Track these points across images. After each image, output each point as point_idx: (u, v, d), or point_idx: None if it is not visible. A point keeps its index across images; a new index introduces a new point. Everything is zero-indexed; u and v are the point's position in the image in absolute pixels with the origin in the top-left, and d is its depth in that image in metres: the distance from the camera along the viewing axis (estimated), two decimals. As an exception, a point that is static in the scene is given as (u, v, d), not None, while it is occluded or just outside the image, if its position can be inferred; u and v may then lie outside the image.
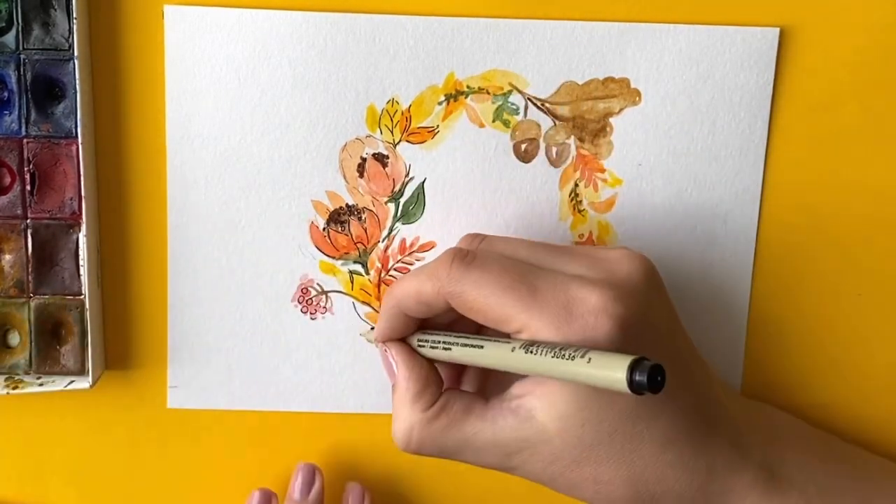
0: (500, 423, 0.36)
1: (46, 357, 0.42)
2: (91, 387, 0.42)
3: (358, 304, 0.44)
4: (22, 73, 0.40)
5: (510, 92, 0.42)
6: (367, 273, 0.44)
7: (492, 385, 0.41)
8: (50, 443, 0.45)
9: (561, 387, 0.34)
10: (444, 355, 0.38)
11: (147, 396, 0.45)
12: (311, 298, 0.44)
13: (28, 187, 0.41)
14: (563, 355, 0.32)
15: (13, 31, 0.40)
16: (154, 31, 0.41)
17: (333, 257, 0.44)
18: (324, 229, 0.43)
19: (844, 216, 0.44)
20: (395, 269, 0.44)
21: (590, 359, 0.31)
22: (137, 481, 0.45)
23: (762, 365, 0.45)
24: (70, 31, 0.40)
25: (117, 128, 0.42)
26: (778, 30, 0.42)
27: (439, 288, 0.36)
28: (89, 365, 0.42)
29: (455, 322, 0.39)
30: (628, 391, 0.30)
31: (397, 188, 0.43)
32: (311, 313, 0.44)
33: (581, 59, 0.42)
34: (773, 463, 0.39)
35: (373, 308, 0.44)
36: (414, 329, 0.39)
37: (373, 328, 0.43)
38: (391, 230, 0.43)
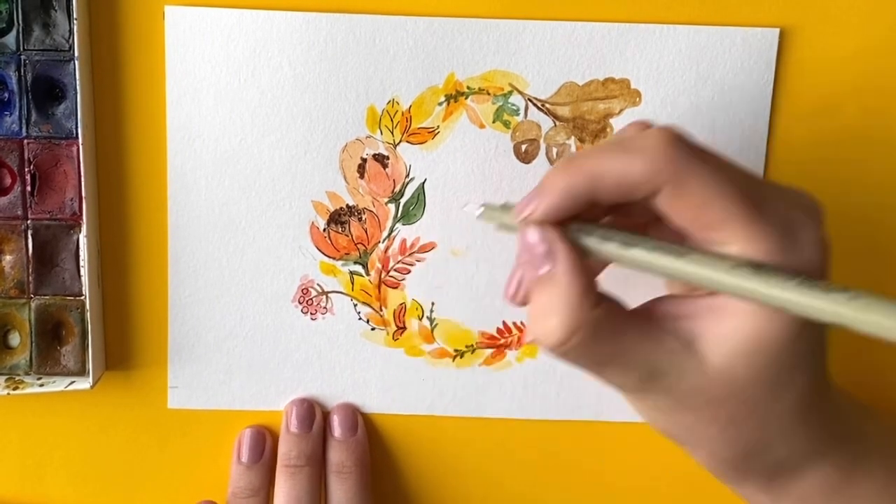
0: (659, 340, 0.32)
1: (47, 357, 0.42)
2: (91, 387, 0.42)
3: (358, 305, 0.44)
4: (22, 73, 0.40)
5: (510, 92, 0.42)
6: (368, 274, 0.44)
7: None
8: (50, 443, 0.45)
9: (742, 324, 0.32)
10: (615, 254, 0.32)
11: (147, 396, 0.45)
12: (311, 299, 0.44)
13: (28, 188, 0.41)
14: (817, 287, 0.29)
15: (13, 32, 0.40)
16: (154, 31, 0.41)
17: (334, 258, 0.44)
18: (324, 230, 0.43)
19: (844, 216, 0.44)
20: (395, 270, 0.44)
21: (860, 300, 0.29)
22: (137, 481, 0.45)
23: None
24: (70, 31, 0.40)
25: (117, 128, 0.42)
26: (778, 30, 0.42)
27: (656, 170, 0.31)
28: (90, 365, 0.42)
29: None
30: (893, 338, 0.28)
31: (397, 189, 0.43)
32: (311, 314, 0.44)
33: (581, 60, 0.42)
34: (861, 431, 0.38)
35: (373, 308, 0.44)
36: (570, 217, 0.33)
37: (499, 205, 0.35)
38: (391, 231, 0.43)
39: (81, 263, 0.42)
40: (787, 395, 0.34)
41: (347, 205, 0.43)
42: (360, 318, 0.44)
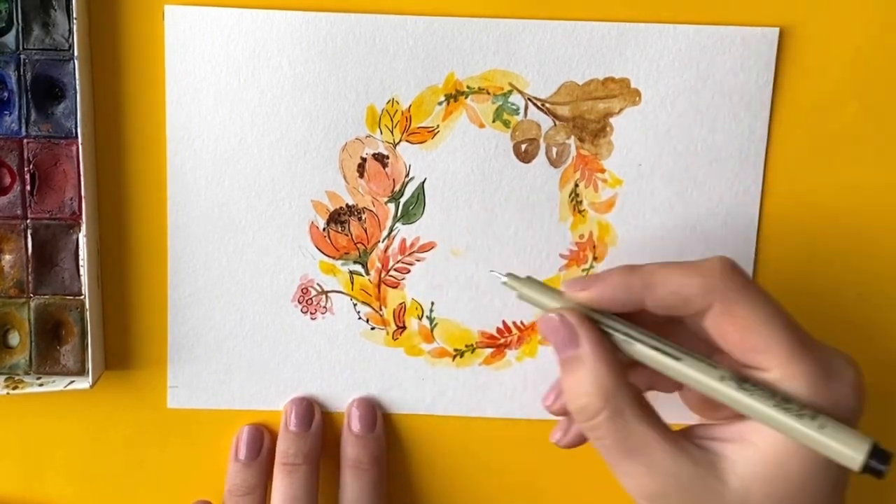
0: (683, 447, 0.33)
1: (46, 357, 0.42)
2: (91, 387, 0.42)
3: (358, 304, 0.44)
4: (22, 73, 0.40)
5: (510, 92, 0.42)
6: (367, 273, 0.44)
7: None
8: (50, 443, 0.45)
9: (766, 450, 0.33)
10: (621, 346, 0.34)
11: (147, 396, 0.45)
12: (311, 298, 0.44)
13: (28, 187, 0.41)
14: (788, 409, 0.31)
15: (13, 32, 0.40)
16: (154, 31, 0.41)
17: (333, 257, 0.44)
18: (324, 229, 0.43)
19: (844, 216, 0.44)
20: (395, 270, 0.44)
21: (822, 426, 0.31)
22: (137, 481, 0.45)
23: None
24: (70, 31, 0.40)
25: (117, 128, 0.42)
26: (778, 30, 0.42)
27: (712, 288, 0.33)
28: (89, 365, 0.42)
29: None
30: (855, 469, 0.30)
31: (397, 188, 0.43)
32: (311, 313, 0.44)
33: (581, 60, 0.42)
34: None
35: (372, 308, 0.44)
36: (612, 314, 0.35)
37: (538, 284, 0.36)
38: (391, 230, 0.43)
39: (81, 263, 0.42)
40: None
41: (347, 204, 0.43)
42: (359, 318, 0.44)
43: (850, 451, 0.31)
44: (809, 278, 0.44)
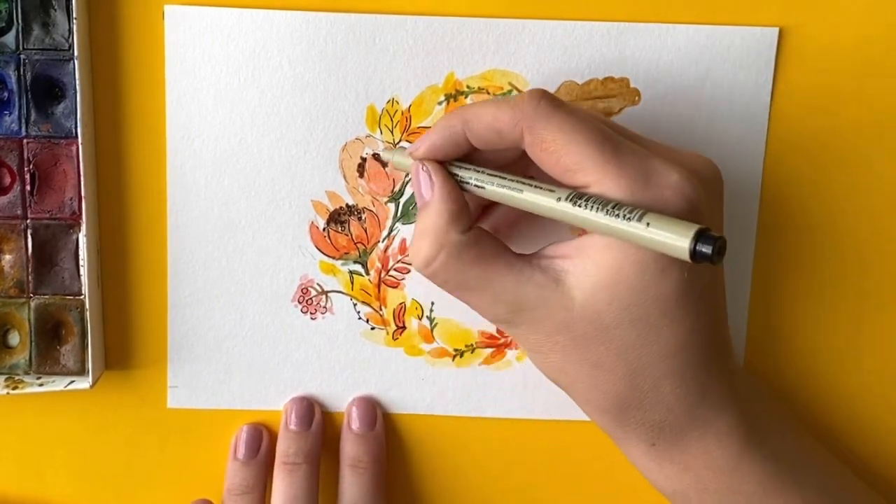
0: (526, 274, 0.35)
1: (46, 357, 0.42)
2: (91, 387, 0.42)
3: (358, 304, 0.44)
4: (22, 73, 0.40)
5: (510, 92, 0.42)
6: (367, 273, 0.44)
7: (514, 235, 0.41)
8: (50, 443, 0.45)
9: (604, 256, 0.34)
10: (476, 192, 0.37)
11: (147, 396, 0.45)
12: (311, 298, 0.44)
13: (28, 187, 0.41)
14: (618, 214, 0.32)
15: (13, 31, 0.40)
16: (154, 31, 0.41)
17: (333, 257, 0.44)
18: (324, 229, 0.43)
19: (844, 216, 0.44)
20: (394, 270, 0.44)
21: (648, 223, 0.32)
22: (137, 481, 0.45)
23: (762, 364, 0.45)
24: (70, 31, 0.40)
25: (117, 128, 0.42)
26: (777, 29, 0.42)
27: (520, 119, 0.35)
28: (89, 365, 0.42)
29: (504, 168, 0.38)
30: (686, 258, 0.31)
31: (397, 188, 0.43)
32: (311, 313, 0.44)
33: (580, 59, 0.42)
34: (759, 417, 0.39)
35: (372, 308, 0.44)
36: (455, 157, 0.38)
37: (397, 147, 0.41)
38: (391, 230, 0.43)
39: (81, 263, 0.42)
40: (655, 345, 0.35)
41: (347, 204, 0.43)
42: (359, 318, 0.44)
43: (676, 241, 0.31)
44: (809, 278, 0.45)
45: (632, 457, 0.39)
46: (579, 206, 0.33)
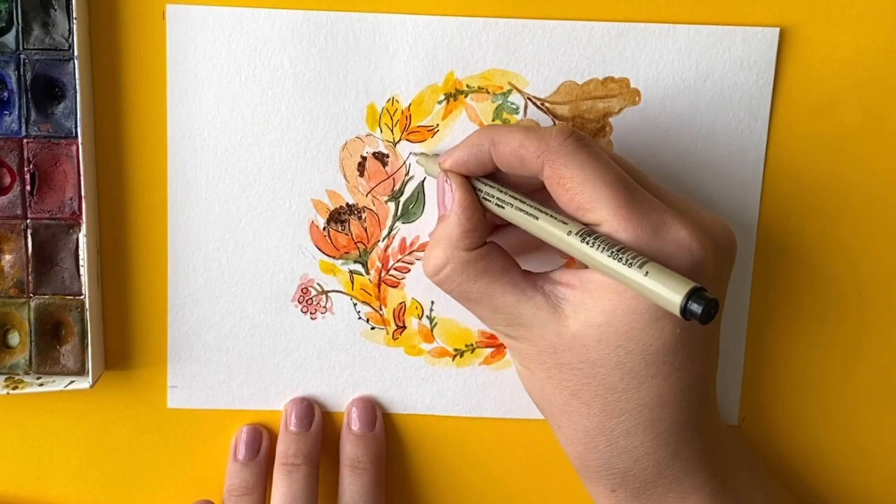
0: (528, 294, 0.37)
1: (46, 357, 0.42)
2: (91, 387, 0.42)
3: (358, 304, 0.44)
4: (22, 73, 0.40)
5: (510, 91, 0.42)
6: (368, 273, 0.44)
7: (528, 255, 0.41)
8: (50, 443, 0.45)
9: (603, 295, 0.35)
10: (496, 210, 0.38)
11: (147, 396, 0.44)
12: (311, 298, 0.44)
13: (28, 187, 0.41)
14: (621, 258, 0.33)
15: (13, 31, 0.40)
16: (154, 30, 0.41)
17: (333, 257, 0.44)
18: (324, 229, 0.43)
19: (844, 216, 0.44)
20: (395, 269, 0.44)
21: (647, 272, 0.32)
22: (137, 481, 0.45)
23: (762, 364, 0.45)
24: (70, 31, 0.40)
25: (117, 128, 0.42)
26: (778, 30, 0.42)
27: (543, 151, 0.36)
28: (89, 365, 0.42)
29: (529, 193, 0.38)
30: (676, 313, 0.31)
31: (397, 187, 0.43)
32: (311, 313, 0.44)
33: (580, 59, 0.42)
34: (729, 481, 0.39)
35: (373, 308, 0.44)
36: (480, 174, 0.39)
37: (431, 155, 0.42)
38: (391, 229, 0.43)
39: (81, 263, 0.42)
40: (635, 392, 0.35)
41: (347, 203, 0.43)
42: (359, 318, 0.44)
43: (669, 294, 0.31)
44: (809, 278, 0.44)
45: (595, 498, 0.40)
46: (587, 242, 0.34)
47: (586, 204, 0.35)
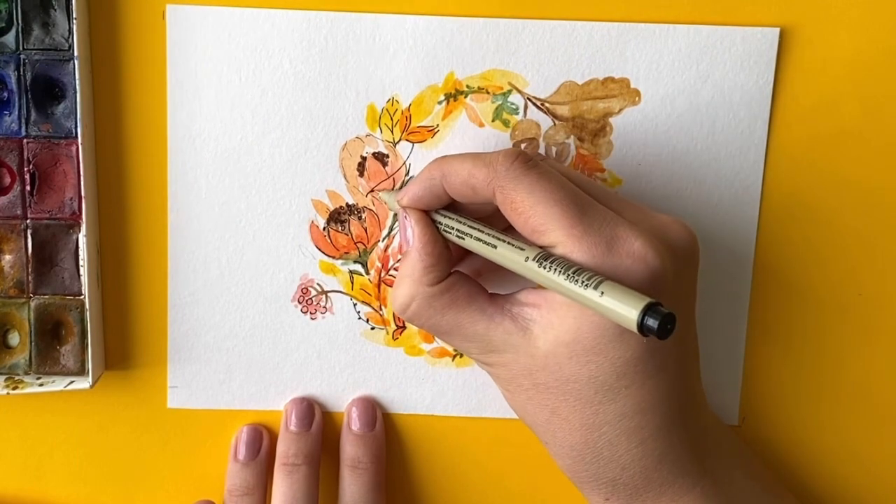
0: (496, 320, 0.37)
1: (46, 357, 0.42)
2: (91, 387, 0.42)
3: (358, 304, 0.44)
4: (22, 73, 0.40)
5: (510, 91, 0.42)
6: (368, 273, 0.44)
7: (495, 277, 0.41)
8: (50, 442, 0.45)
9: (567, 313, 0.35)
10: (457, 241, 0.38)
11: (147, 396, 0.44)
12: (311, 298, 0.44)
13: (28, 187, 0.41)
14: (577, 279, 0.33)
15: (13, 31, 0.40)
16: (154, 30, 0.41)
17: (333, 257, 0.44)
18: (324, 229, 0.43)
19: (844, 216, 0.44)
20: (394, 269, 0.44)
21: (603, 291, 0.32)
22: (137, 481, 0.45)
23: (762, 364, 0.45)
24: (70, 31, 0.40)
25: (117, 128, 0.42)
26: (778, 30, 0.42)
27: (492, 178, 0.36)
28: (89, 365, 0.42)
29: (485, 218, 0.39)
30: (634, 330, 0.31)
31: (397, 187, 0.43)
32: (311, 313, 0.44)
33: (580, 59, 0.42)
34: (722, 481, 0.39)
35: (372, 308, 0.44)
36: (439, 207, 0.39)
37: (395, 190, 0.43)
38: (391, 229, 0.43)
39: (81, 263, 0.42)
40: (612, 404, 0.36)
41: (347, 203, 0.43)
42: (359, 318, 0.44)
43: (626, 312, 0.31)
44: (809, 278, 0.44)
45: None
46: (544, 267, 0.34)
47: (539, 227, 0.35)
